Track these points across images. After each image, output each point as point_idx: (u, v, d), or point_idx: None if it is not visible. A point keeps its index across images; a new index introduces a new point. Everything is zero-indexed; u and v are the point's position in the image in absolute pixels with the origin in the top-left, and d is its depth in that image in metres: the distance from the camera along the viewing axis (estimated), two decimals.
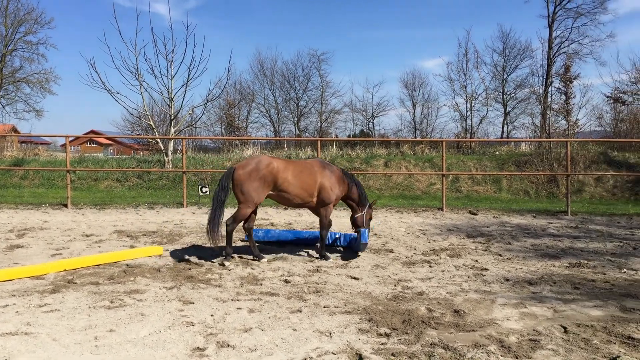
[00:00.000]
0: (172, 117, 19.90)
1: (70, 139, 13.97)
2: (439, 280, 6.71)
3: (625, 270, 7.29)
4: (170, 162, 19.64)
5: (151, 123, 20.24)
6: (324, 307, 5.47)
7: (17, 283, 6.33)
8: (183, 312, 5.28)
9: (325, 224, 8.10)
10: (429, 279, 6.78)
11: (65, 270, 6.94)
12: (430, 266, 7.51)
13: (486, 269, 7.30)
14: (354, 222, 8.42)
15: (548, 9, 36.14)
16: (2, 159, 22.24)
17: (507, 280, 6.70)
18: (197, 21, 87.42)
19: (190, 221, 11.30)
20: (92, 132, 70.85)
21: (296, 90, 44.70)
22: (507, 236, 10.01)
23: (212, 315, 5.17)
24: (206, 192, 13.49)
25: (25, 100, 46.15)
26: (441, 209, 13.65)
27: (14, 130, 55.39)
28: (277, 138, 37.52)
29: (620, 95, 29.23)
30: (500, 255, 8.30)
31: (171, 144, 19.74)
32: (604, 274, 7.06)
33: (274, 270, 7.16)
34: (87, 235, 9.50)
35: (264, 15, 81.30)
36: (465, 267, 7.46)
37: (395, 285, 6.41)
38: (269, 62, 46.02)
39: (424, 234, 10.16)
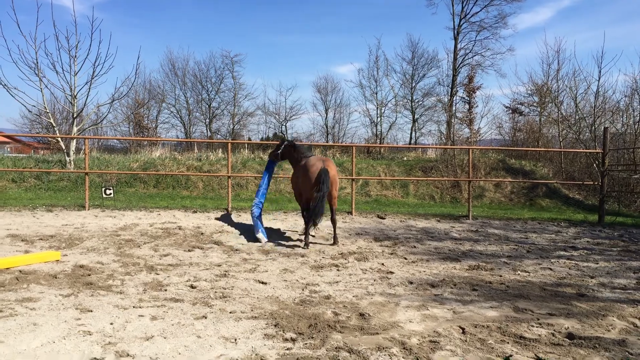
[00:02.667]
0: (74, 116, 18.94)
1: None
2: (346, 283, 6.80)
3: (519, 272, 7.72)
4: (72, 163, 18.68)
5: (51, 121, 19.16)
6: (230, 312, 5.40)
7: None
8: (80, 321, 5.02)
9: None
10: (337, 282, 6.85)
11: None
12: (338, 270, 7.60)
13: (392, 272, 7.48)
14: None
15: (454, 22, 37.92)
16: None
17: (411, 283, 6.90)
18: (105, 16, 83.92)
19: (92, 224, 10.79)
20: None
21: (208, 92, 43.94)
22: (412, 240, 10.33)
23: (111, 324, 4.95)
24: (110, 194, 12.93)
25: None
26: (350, 212, 13.88)
27: None
28: (188, 139, 36.70)
29: (518, 106, 31.07)
30: (406, 258, 8.54)
31: (73, 143, 18.78)
32: (500, 275, 7.45)
33: (180, 275, 6.97)
34: None
35: (175, 14, 79.24)
36: (372, 270, 7.61)
37: (302, 290, 6.43)
38: (180, 62, 44.92)
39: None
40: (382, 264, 8.08)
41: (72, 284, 6.36)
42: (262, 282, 6.73)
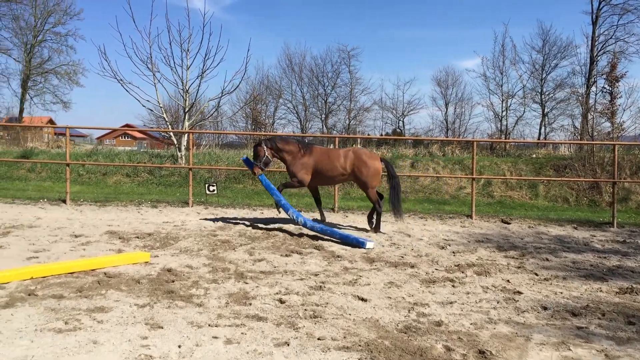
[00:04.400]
0: (185, 110, 19.07)
1: (105, 132, 13.19)
2: (463, 305, 5.62)
3: None
4: (184, 158, 18.82)
5: (164, 116, 19.47)
6: (318, 339, 4.45)
7: None
8: (145, 341, 4.32)
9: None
10: (451, 303, 5.69)
11: (32, 278, 6.05)
12: (453, 286, 6.41)
13: (519, 292, 6.17)
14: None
15: (592, 5, 34.30)
16: (11, 150, 21.83)
17: (545, 308, 5.57)
18: (231, 17, 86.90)
19: (192, 222, 10.37)
20: (127, 125, 70.94)
21: (324, 87, 43.67)
22: (544, 250, 8.83)
23: (179, 347, 4.20)
24: (214, 190, 12.53)
25: (53, 91, 46.22)
26: (470, 216, 12.48)
27: (51, 122, 55.87)
28: (303, 135, 36.56)
29: None
30: (537, 274, 7.14)
31: (184, 138, 18.90)
32: None
33: (271, 285, 6.15)
34: (75, 236, 8.66)
35: (292, 10, 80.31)
36: (494, 288, 6.34)
37: (409, 311, 5.34)
38: (297, 57, 45.08)
39: (449, 246, 9.03)
40: (508, 280, 6.75)
41: (153, 291, 5.75)
42: (362, 299, 5.73)
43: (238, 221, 10.69)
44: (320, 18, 77.62)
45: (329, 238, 9.08)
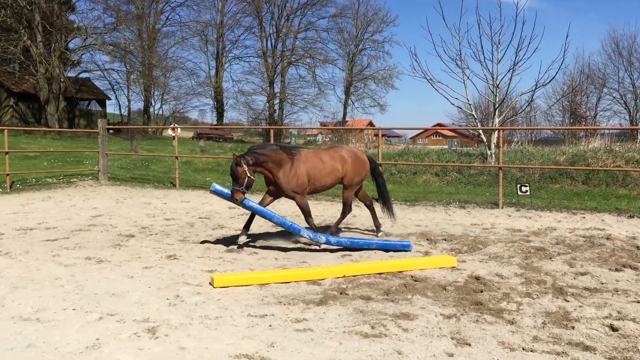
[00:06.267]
0: (495, 106, 18.26)
1: (417, 131, 13.63)
2: None
3: None
4: (493, 156, 18.05)
5: (473, 113, 19.00)
6: None
7: (292, 287, 5.87)
8: (451, 359, 3.96)
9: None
10: None
11: (344, 276, 6.26)
12: None
13: None
14: None
15: None
16: None
17: None
18: (546, 5, 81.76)
19: (502, 226, 9.68)
20: (438, 124, 72.85)
21: None
22: None
23: None
24: (526, 191, 11.62)
25: (371, 95, 50.12)
26: None
27: (370, 124, 60.95)
28: (630, 127, 32.01)
29: None
30: None
31: (494, 135, 18.11)
32: None
33: (598, 306, 5.18)
34: (386, 235, 8.82)
35: None
36: None
37: None
38: (626, 40, 39.79)
39: None
40: None
41: (459, 301, 5.37)
42: None
43: (555, 226, 9.62)
44: None
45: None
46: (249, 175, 7.38)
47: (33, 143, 27.87)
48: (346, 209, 8.66)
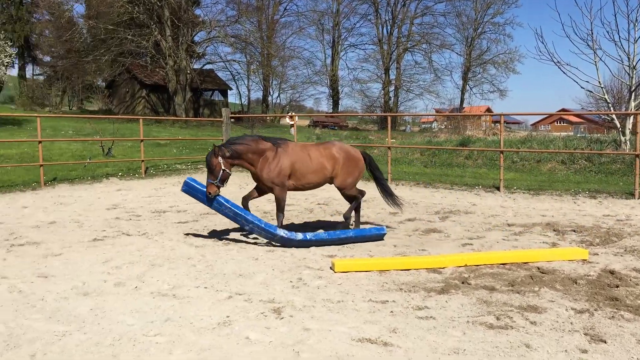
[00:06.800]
0: (631, 89, 16.78)
1: (540, 117, 13.10)
2: None
3: None
4: (628, 143, 16.66)
5: (605, 97, 17.61)
6: None
7: (412, 274, 5.84)
8: (585, 355, 3.78)
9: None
10: None
11: (465, 265, 6.12)
12: None
13: None
14: None
15: None
16: (451, 139, 23.43)
17: None
18: None
19: (639, 217, 8.97)
20: (562, 110, 68.75)
21: None
22: None
23: None
24: None
25: (491, 81, 48.24)
26: None
27: (488, 111, 58.98)
28: None
29: None
30: None
31: (629, 120, 16.70)
32: None
33: None
34: (508, 225, 8.50)
35: None
36: None
37: None
38: None
39: None
40: None
41: (592, 295, 5.06)
42: None
43: None
44: None
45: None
46: (223, 168, 6.97)
47: (163, 131, 29.80)
48: (358, 199, 7.95)
